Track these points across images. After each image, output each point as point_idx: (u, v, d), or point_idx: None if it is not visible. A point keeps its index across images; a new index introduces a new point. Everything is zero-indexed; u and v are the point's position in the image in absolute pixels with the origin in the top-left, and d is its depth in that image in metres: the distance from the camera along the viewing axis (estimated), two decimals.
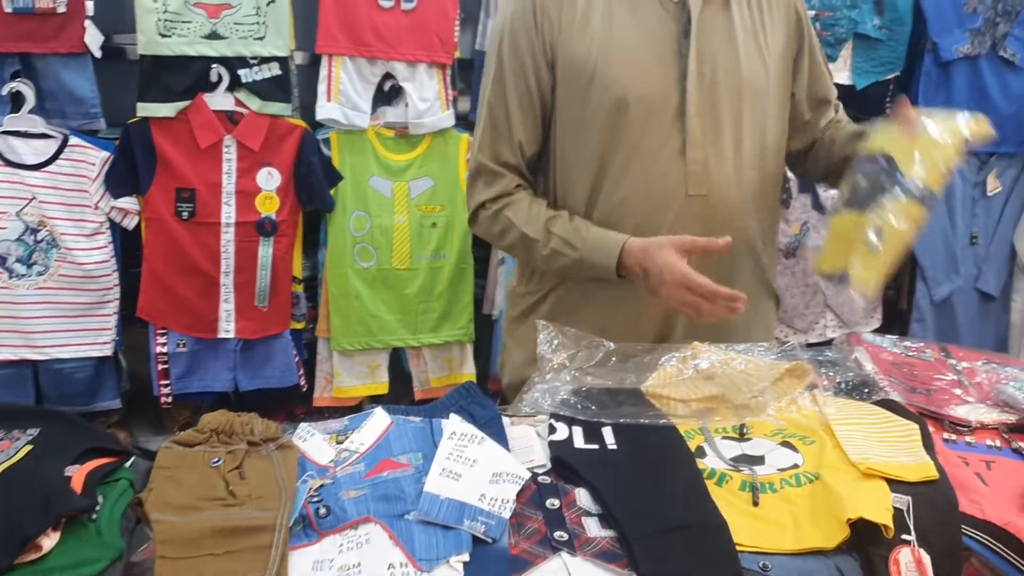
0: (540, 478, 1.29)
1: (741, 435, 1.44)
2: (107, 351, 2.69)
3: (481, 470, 1.24)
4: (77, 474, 1.15)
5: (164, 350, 2.73)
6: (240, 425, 1.35)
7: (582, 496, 1.25)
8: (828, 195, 3.03)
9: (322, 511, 1.18)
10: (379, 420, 1.40)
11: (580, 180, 1.68)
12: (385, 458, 1.32)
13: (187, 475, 1.23)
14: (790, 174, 2.09)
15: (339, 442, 1.38)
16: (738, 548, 1.15)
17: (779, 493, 1.28)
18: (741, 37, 1.65)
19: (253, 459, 1.29)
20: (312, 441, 1.37)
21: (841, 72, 2.89)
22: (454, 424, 1.33)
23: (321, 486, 1.25)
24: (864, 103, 2.99)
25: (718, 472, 1.32)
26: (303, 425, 1.41)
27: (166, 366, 2.74)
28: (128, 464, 1.24)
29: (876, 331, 3.16)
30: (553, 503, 1.22)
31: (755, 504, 1.25)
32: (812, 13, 2.83)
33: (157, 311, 2.70)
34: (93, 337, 2.66)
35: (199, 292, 2.70)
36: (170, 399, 2.77)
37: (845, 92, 2.93)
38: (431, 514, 1.14)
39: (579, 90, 1.63)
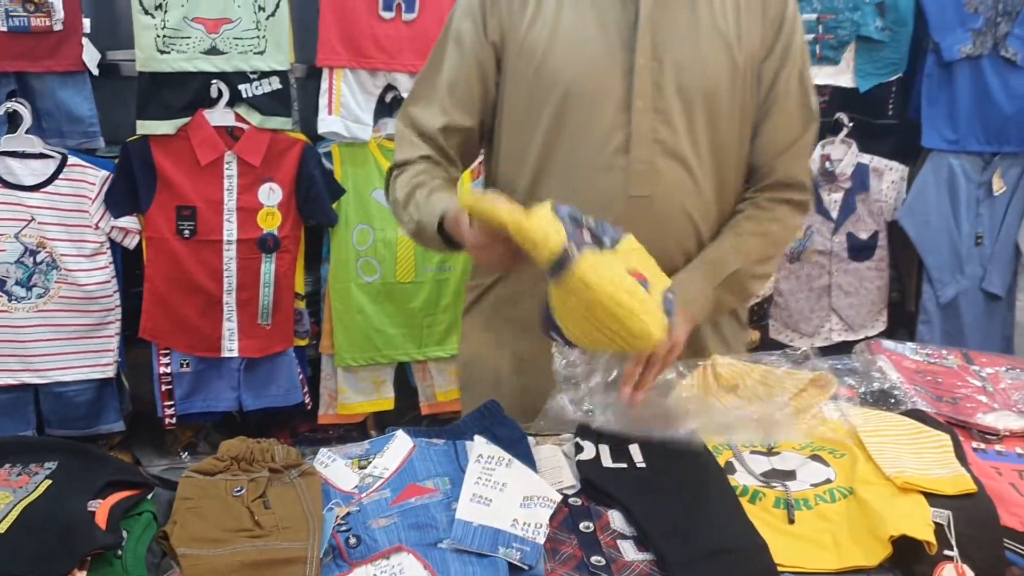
0: (571, 500, 1.26)
1: (769, 449, 1.42)
2: (109, 373, 2.65)
3: (511, 494, 1.22)
4: (100, 509, 1.12)
5: (167, 370, 2.69)
6: (260, 452, 1.33)
7: (616, 518, 1.22)
8: (832, 198, 3.02)
9: (352, 540, 1.16)
10: (401, 443, 1.37)
11: (522, 171, 1.60)
12: (411, 483, 1.29)
13: (210, 505, 1.20)
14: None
15: (361, 467, 1.35)
16: (778, 568, 1.13)
17: (814, 510, 1.26)
18: (705, 32, 1.54)
19: (276, 487, 1.26)
20: (334, 467, 1.34)
21: (844, 75, 2.88)
22: (480, 446, 1.31)
23: (348, 514, 1.22)
24: (867, 105, 2.98)
25: (751, 489, 1.30)
26: (323, 450, 1.38)
27: (169, 387, 2.70)
28: (150, 496, 1.21)
29: (882, 334, 3.15)
30: (587, 526, 1.20)
31: (791, 522, 1.23)
32: (814, 16, 2.82)
33: (160, 331, 2.66)
34: (95, 359, 2.62)
35: (202, 311, 2.67)
36: (174, 420, 2.73)
37: (849, 94, 2.93)
38: (465, 542, 1.12)
39: (525, 79, 1.57)
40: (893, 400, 1.60)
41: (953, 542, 1.17)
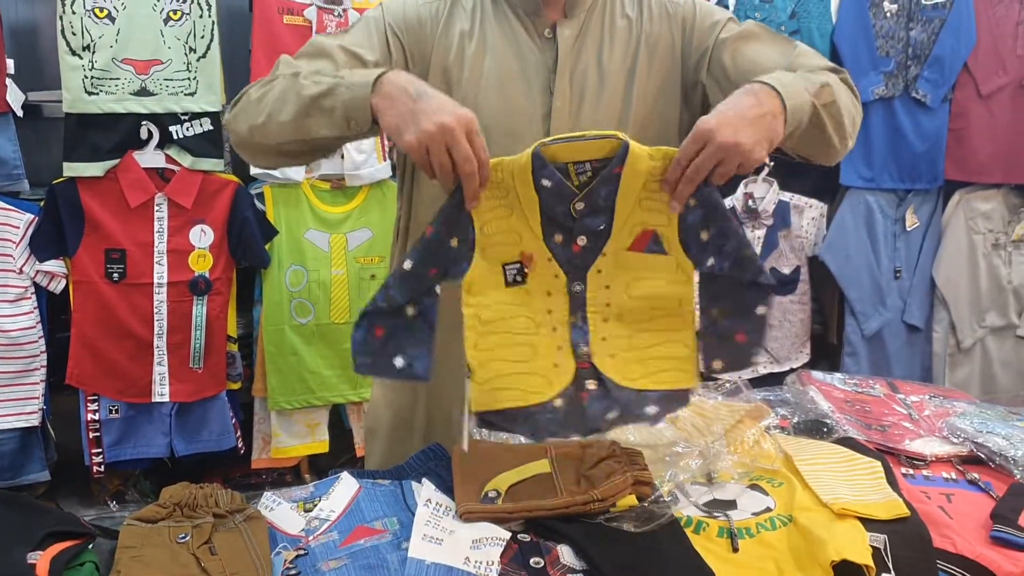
0: (519, 536, 1.27)
1: (709, 479, 1.45)
2: (34, 421, 2.57)
3: (461, 537, 1.22)
4: (41, 561, 1.09)
5: (95, 417, 2.62)
6: (203, 497, 1.31)
7: (565, 553, 1.23)
8: (755, 235, 3.11)
9: None
10: (347, 485, 1.37)
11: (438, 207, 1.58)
12: (359, 525, 1.28)
13: (154, 553, 1.18)
14: None
15: (307, 510, 1.34)
16: None
17: (757, 538, 1.29)
18: (614, 72, 1.53)
19: (221, 532, 1.24)
20: (279, 510, 1.33)
21: None
22: (428, 491, 1.31)
23: (296, 557, 1.21)
24: None
25: (695, 520, 1.32)
26: (268, 494, 1.36)
27: (98, 434, 2.64)
28: (91, 546, 1.18)
29: (806, 366, 3.24)
30: (538, 562, 1.20)
31: (735, 550, 1.26)
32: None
33: (87, 377, 2.60)
34: (19, 407, 2.54)
35: (131, 356, 2.62)
36: (102, 468, 2.66)
37: None
38: None
39: None
40: (825, 429, 1.65)
41: (890, 564, 1.22)
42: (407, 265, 1.24)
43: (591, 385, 1.29)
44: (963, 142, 3.18)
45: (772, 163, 3.03)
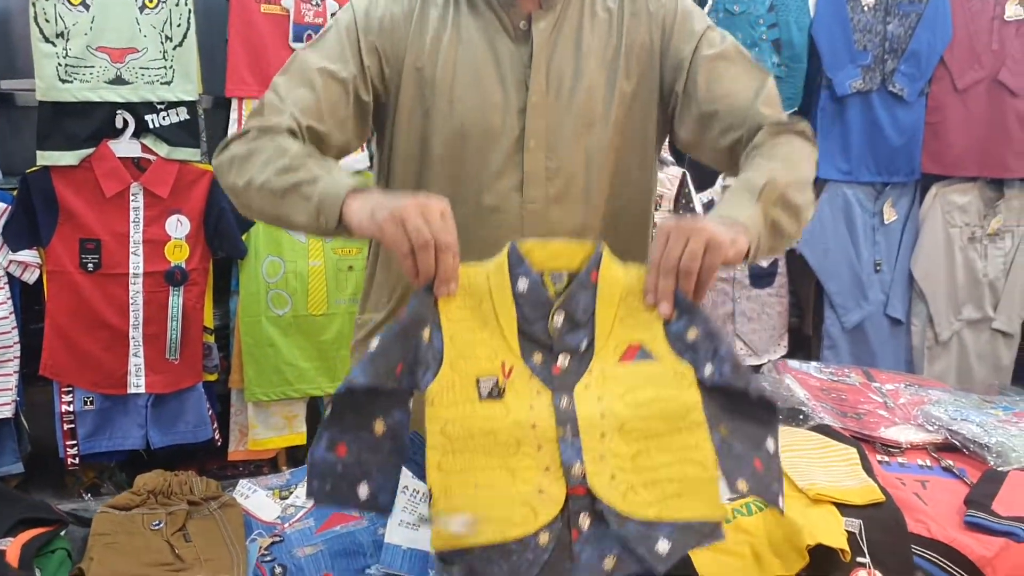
0: None
1: None
2: (7, 413, 2.54)
3: None
4: (11, 548, 1.08)
5: (70, 409, 2.59)
6: (178, 485, 1.30)
7: None
8: None
9: (278, 570, 1.14)
10: None
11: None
12: (335, 512, 1.28)
13: (128, 541, 1.17)
14: None
15: (283, 497, 1.34)
16: None
17: (733, 523, 1.29)
18: (592, 68, 1.50)
19: (196, 520, 1.24)
20: (255, 498, 1.33)
21: None
22: (405, 479, 1.30)
23: (272, 544, 1.21)
24: None
25: None
26: (243, 481, 1.36)
27: (72, 426, 2.61)
28: (63, 533, 1.17)
29: (783, 358, 3.24)
30: None
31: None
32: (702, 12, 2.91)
33: (62, 368, 2.57)
34: None
35: (106, 347, 2.59)
36: (77, 460, 2.63)
37: None
38: (395, 566, 1.11)
39: (420, 110, 1.51)
40: (802, 416, 1.66)
41: (865, 549, 1.22)
42: (373, 345, 1.08)
43: (584, 521, 1.05)
44: (939, 136, 3.20)
45: None
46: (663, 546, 1.03)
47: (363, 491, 1.05)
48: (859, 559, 1.21)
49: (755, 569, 1.20)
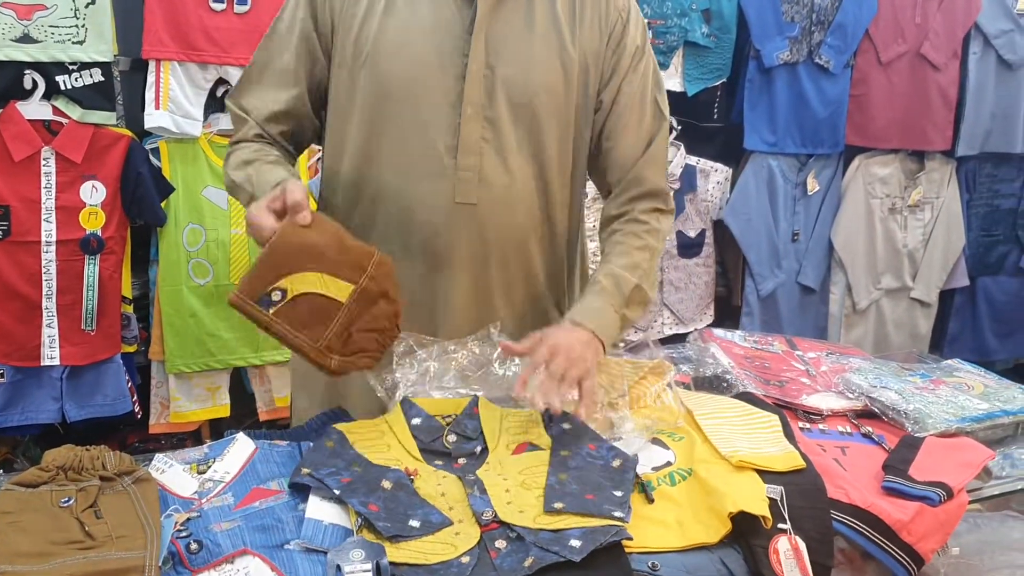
0: None
1: (612, 436, 1.45)
2: None
3: None
4: None
5: None
6: (89, 460, 1.25)
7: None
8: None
9: (193, 546, 1.11)
10: (243, 446, 1.33)
11: (342, 162, 1.58)
12: (255, 487, 1.25)
13: (34, 519, 1.12)
14: None
15: (201, 472, 1.30)
16: (626, 550, 1.16)
17: (657, 491, 1.30)
18: (539, 41, 1.53)
19: (108, 496, 1.20)
20: (171, 472, 1.29)
21: (673, 79, 2.99)
22: None
23: (188, 520, 1.17)
24: (695, 109, 3.11)
25: None
26: (159, 456, 1.32)
27: None
28: None
29: (710, 327, 3.29)
30: None
31: (650, 501, 1.27)
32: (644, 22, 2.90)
33: None
34: None
35: (18, 317, 2.49)
36: None
37: (677, 98, 3.04)
38: (316, 541, 1.09)
39: (348, 71, 1.54)
40: (725, 384, 1.68)
41: (786, 515, 1.24)
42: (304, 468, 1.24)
43: (501, 543, 1.15)
44: (863, 108, 3.25)
45: (680, 127, 3.05)
46: (575, 543, 1.13)
47: None
48: (780, 525, 1.22)
49: (679, 537, 1.21)
